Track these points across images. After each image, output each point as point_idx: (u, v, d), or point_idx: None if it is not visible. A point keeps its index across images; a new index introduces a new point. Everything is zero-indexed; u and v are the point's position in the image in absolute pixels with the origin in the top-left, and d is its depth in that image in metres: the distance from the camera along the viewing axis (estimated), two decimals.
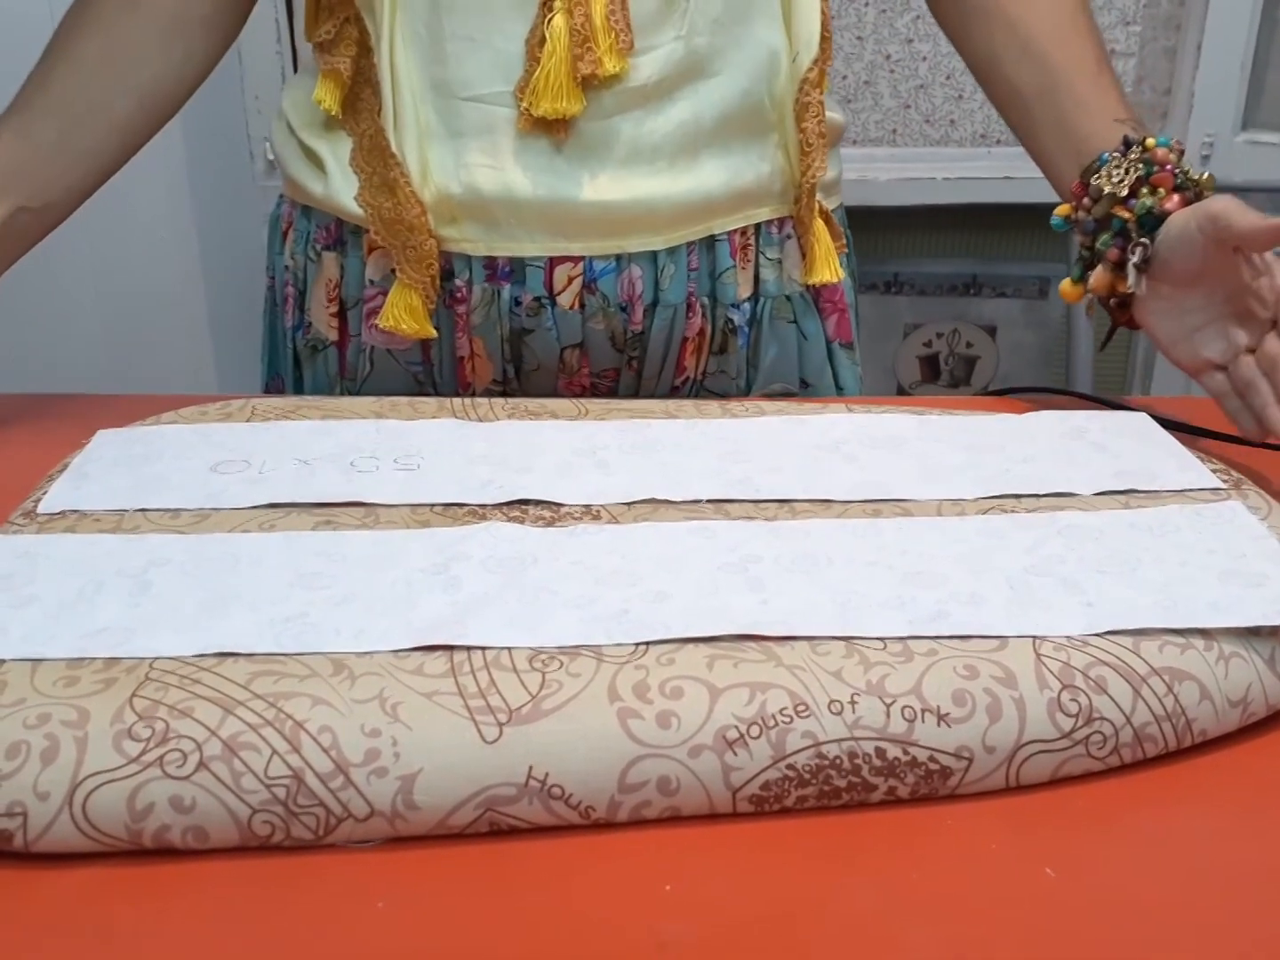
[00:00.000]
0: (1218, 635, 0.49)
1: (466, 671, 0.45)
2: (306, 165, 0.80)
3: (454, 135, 0.74)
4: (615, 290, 0.76)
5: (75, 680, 0.45)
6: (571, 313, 0.77)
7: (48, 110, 0.73)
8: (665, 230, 0.76)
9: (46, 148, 0.72)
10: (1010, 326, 1.95)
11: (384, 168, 0.74)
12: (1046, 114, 0.76)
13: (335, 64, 0.76)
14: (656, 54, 0.72)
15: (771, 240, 0.80)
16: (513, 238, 0.75)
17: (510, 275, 0.76)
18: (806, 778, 0.44)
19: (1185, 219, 0.68)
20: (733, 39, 0.74)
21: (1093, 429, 0.68)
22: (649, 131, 0.74)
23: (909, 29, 1.83)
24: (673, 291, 0.77)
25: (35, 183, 0.72)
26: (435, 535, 0.56)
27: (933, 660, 0.47)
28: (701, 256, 0.78)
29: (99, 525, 0.57)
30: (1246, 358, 0.68)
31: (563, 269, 0.75)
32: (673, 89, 0.73)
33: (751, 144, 0.77)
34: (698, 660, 0.46)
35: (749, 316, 0.81)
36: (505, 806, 0.43)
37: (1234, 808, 0.46)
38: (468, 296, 0.77)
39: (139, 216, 1.73)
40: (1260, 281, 0.67)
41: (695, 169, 0.75)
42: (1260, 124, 1.84)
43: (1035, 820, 0.45)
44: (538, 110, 0.71)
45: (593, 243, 0.75)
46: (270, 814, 0.42)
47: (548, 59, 0.71)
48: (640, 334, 0.79)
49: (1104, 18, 1.82)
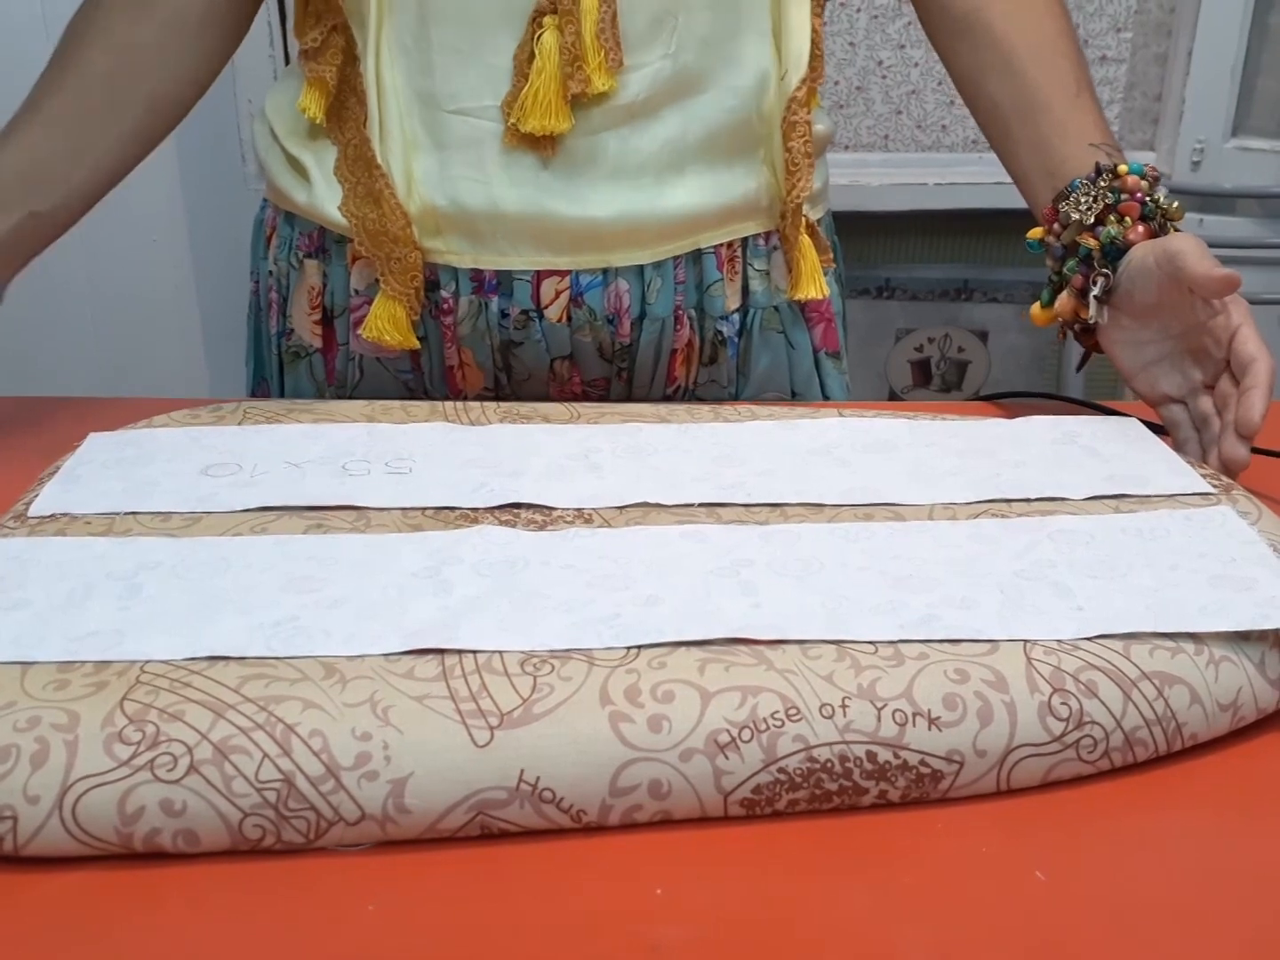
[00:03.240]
0: (1208, 639, 0.49)
1: (458, 675, 0.45)
2: (290, 173, 0.80)
3: (440, 147, 0.74)
4: (602, 304, 0.76)
5: (66, 684, 0.45)
6: (559, 325, 0.77)
7: (57, 118, 0.72)
8: (651, 245, 0.76)
9: (57, 155, 0.72)
10: (1002, 331, 1.96)
11: (369, 178, 0.74)
12: (1025, 134, 0.76)
13: (321, 72, 0.75)
14: (645, 71, 0.72)
15: (759, 252, 0.80)
16: (498, 251, 0.75)
17: (497, 288, 0.76)
18: (798, 781, 0.44)
19: (1145, 252, 0.68)
20: (721, 57, 0.74)
21: (1084, 434, 0.69)
22: (635, 148, 0.73)
23: (901, 35, 1.83)
24: (660, 305, 0.77)
25: (46, 188, 0.72)
26: (427, 539, 0.56)
27: (924, 664, 0.47)
28: (688, 270, 0.78)
29: (90, 528, 0.57)
30: (1205, 396, 0.69)
31: (549, 282, 0.75)
32: (660, 106, 0.73)
33: (738, 161, 0.77)
34: (689, 664, 0.46)
35: (738, 327, 0.81)
36: (496, 810, 0.43)
37: (1224, 811, 0.46)
38: (454, 308, 0.77)
39: (131, 219, 1.72)
40: (1215, 320, 0.67)
41: (681, 185, 0.75)
42: (1251, 130, 1.85)
43: (1026, 824, 0.45)
44: (525, 126, 0.71)
45: (578, 257, 0.75)
46: (261, 818, 0.42)
47: (537, 75, 0.70)
48: (628, 346, 0.79)
49: (1095, 24, 1.83)
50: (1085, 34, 1.84)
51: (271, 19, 1.77)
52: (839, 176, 0.90)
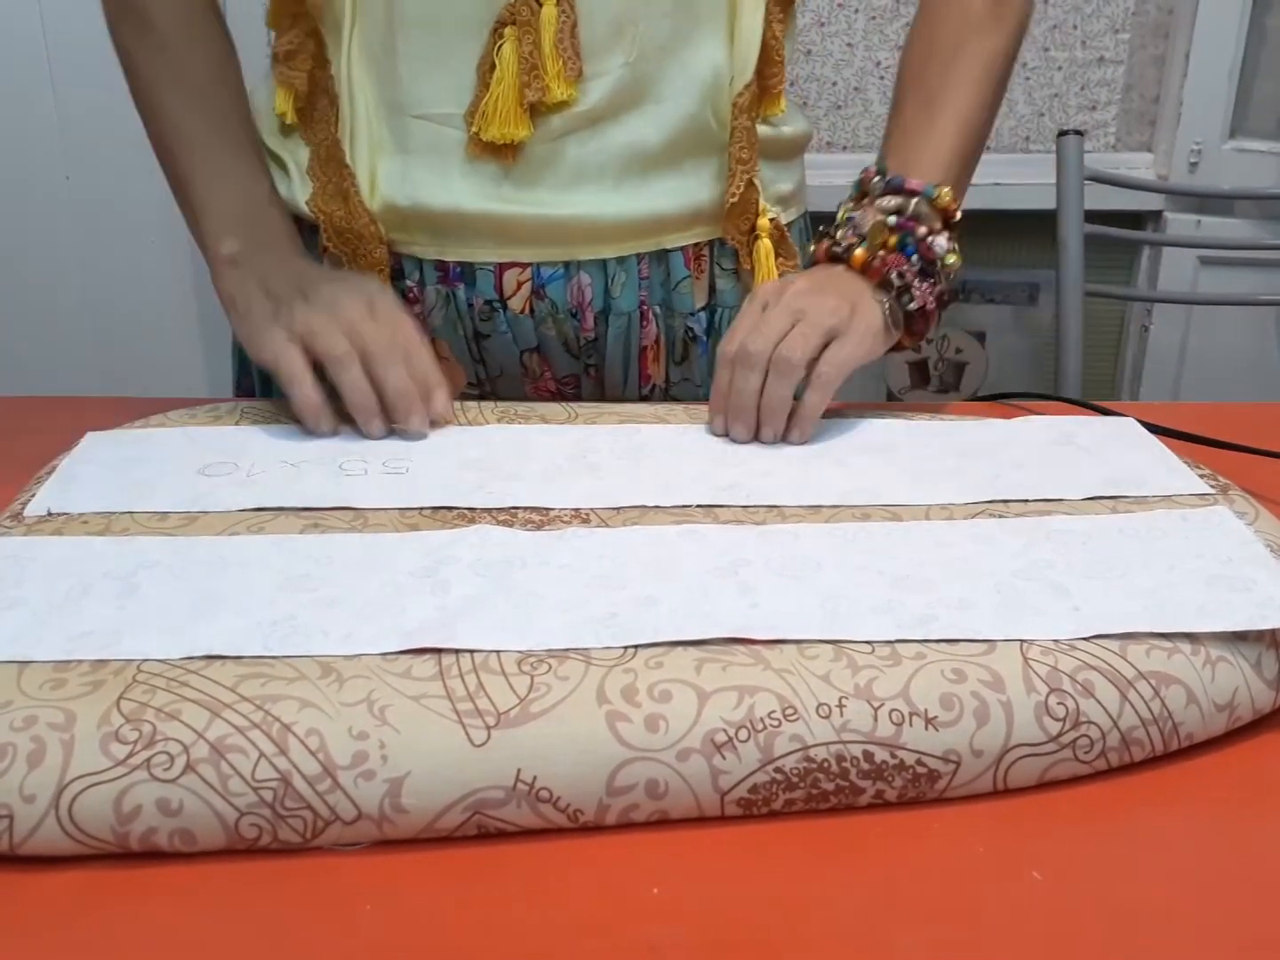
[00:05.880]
0: (1205, 639, 0.49)
1: (455, 674, 0.45)
2: (271, 166, 0.81)
3: (403, 151, 0.75)
4: (564, 296, 0.77)
5: (62, 683, 0.45)
6: (523, 317, 0.77)
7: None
8: (614, 241, 0.76)
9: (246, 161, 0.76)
10: (999, 332, 1.96)
11: (338, 177, 0.75)
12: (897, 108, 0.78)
13: (292, 78, 0.76)
14: (605, 80, 0.73)
15: (727, 251, 0.80)
16: (463, 242, 0.76)
17: (461, 277, 0.77)
18: (794, 781, 0.44)
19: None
20: (679, 63, 0.74)
21: (1081, 434, 0.69)
22: (595, 151, 0.74)
23: (899, 36, 1.83)
24: (624, 300, 0.78)
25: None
26: (424, 538, 0.56)
27: (921, 664, 0.47)
28: (653, 266, 0.78)
29: (87, 527, 0.57)
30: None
31: (511, 274, 0.76)
32: (620, 111, 0.74)
33: (703, 165, 0.77)
34: (686, 664, 0.46)
35: (706, 325, 0.81)
36: (493, 810, 0.43)
37: (1220, 811, 0.46)
38: (420, 297, 0.77)
39: (129, 221, 1.73)
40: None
41: (645, 189, 0.76)
42: (1248, 132, 1.85)
43: (1022, 823, 0.45)
44: (486, 135, 0.72)
45: (541, 250, 0.76)
46: (258, 817, 0.42)
47: (496, 85, 0.71)
48: (594, 341, 0.79)
49: (1093, 25, 1.83)
50: (1083, 35, 1.84)
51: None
52: (837, 178, 0.89)
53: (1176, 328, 1.89)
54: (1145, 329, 1.93)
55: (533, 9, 0.70)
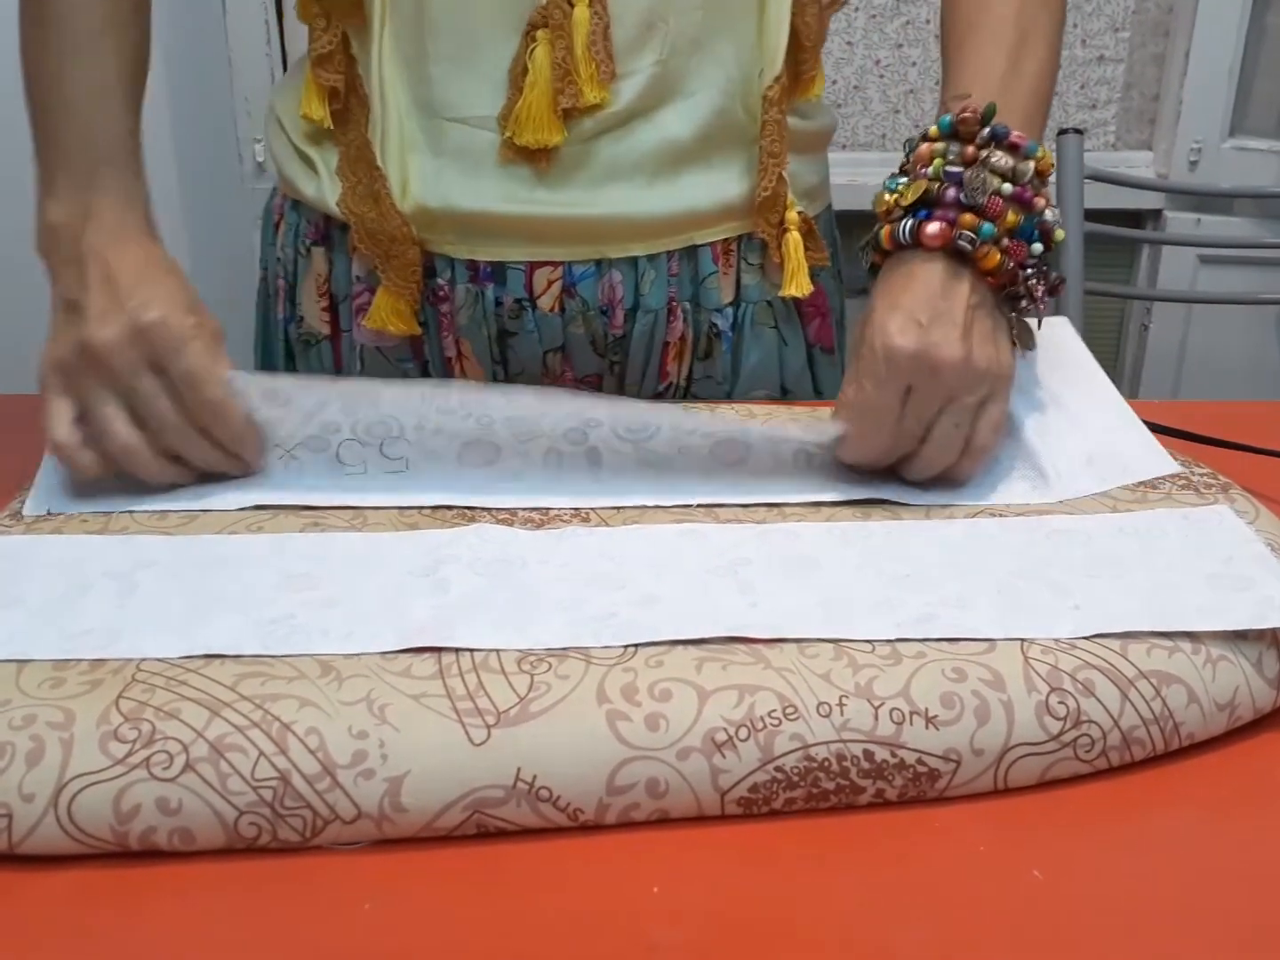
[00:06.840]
0: (1205, 638, 0.49)
1: (455, 673, 0.45)
2: (300, 165, 0.81)
3: (436, 153, 0.74)
4: (595, 294, 0.77)
5: (61, 681, 0.45)
6: (552, 315, 0.77)
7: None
8: (647, 239, 0.76)
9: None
10: None
11: (369, 179, 0.75)
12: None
13: (330, 80, 0.76)
14: (637, 79, 0.72)
15: (754, 246, 0.80)
16: (494, 242, 0.75)
17: (492, 276, 0.77)
18: (795, 780, 0.44)
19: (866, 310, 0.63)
20: (710, 57, 0.74)
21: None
22: (627, 149, 0.74)
23: (898, 34, 1.83)
24: (653, 297, 0.78)
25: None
26: (424, 537, 0.56)
27: (921, 663, 0.47)
28: (683, 263, 0.78)
29: (86, 526, 0.57)
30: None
31: (542, 272, 0.76)
32: (652, 109, 0.74)
33: (734, 158, 0.77)
34: (686, 662, 0.46)
35: (732, 321, 0.81)
36: (493, 809, 0.43)
37: (1221, 810, 0.46)
38: (451, 295, 0.77)
39: None
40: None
41: (677, 184, 0.76)
42: (1248, 130, 1.85)
43: (1023, 822, 0.45)
44: (520, 140, 0.72)
45: (573, 249, 0.75)
46: (257, 816, 0.42)
47: (529, 90, 0.71)
48: (621, 338, 0.79)
49: (1093, 23, 1.83)
50: (1083, 33, 1.84)
51: (269, 18, 1.77)
52: (836, 176, 0.89)
53: (1176, 326, 1.89)
54: (1145, 327, 1.93)
55: (565, 11, 0.70)
